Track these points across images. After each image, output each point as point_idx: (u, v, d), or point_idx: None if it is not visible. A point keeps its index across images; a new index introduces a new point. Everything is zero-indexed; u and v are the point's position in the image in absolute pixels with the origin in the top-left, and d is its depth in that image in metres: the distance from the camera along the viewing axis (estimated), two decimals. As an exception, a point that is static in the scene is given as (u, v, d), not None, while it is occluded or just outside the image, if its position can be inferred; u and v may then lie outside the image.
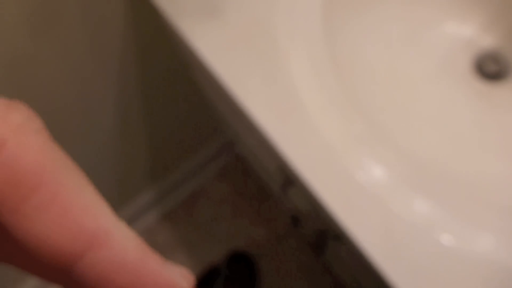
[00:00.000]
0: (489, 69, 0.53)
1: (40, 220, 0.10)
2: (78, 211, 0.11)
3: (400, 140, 0.49)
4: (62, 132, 0.75)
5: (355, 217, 0.41)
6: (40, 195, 0.10)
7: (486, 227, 0.40)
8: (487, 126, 0.51)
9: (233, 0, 0.50)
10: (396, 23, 0.54)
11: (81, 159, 0.84)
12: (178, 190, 1.20)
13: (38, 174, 0.10)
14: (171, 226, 1.20)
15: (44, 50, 0.62)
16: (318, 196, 0.42)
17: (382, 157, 0.43)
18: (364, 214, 0.42)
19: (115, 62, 0.73)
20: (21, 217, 0.10)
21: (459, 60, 0.54)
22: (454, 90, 0.53)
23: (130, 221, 1.16)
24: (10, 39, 0.58)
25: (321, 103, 0.45)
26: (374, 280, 0.41)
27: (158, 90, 0.86)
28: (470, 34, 0.54)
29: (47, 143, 0.11)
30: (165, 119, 0.95)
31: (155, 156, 1.04)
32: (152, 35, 0.73)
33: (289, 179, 0.53)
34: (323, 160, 0.43)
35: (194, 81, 0.75)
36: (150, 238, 1.19)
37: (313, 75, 0.46)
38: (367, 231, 0.41)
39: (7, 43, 0.58)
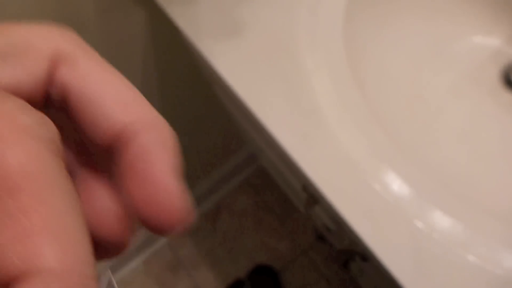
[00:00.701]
0: (518, 80, 0.52)
1: None
2: None
3: (427, 156, 0.48)
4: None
5: (381, 237, 0.41)
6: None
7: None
8: (516, 139, 0.50)
9: (253, 19, 0.50)
10: (420, 37, 0.53)
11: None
12: (201, 204, 1.20)
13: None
14: (195, 240, 1.20)
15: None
16: (342, 216, 0.41)
17: (408, 175, 0.42)
18: (390, 233, 0.41)
19: (137, 79, 0.73)
20: None
21: (486, 72, 0.53)
22: (481, 102, 0.52)
23: (154, 236, 1.17)
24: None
25: (344, 120, 0.45)
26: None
27: (180, 104, 0.87)
28: (497, 45, 0.53)
29: (44, 154, 0.10)
30: (187, 134, 0.96)
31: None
32: (173, 52, 0.74)
33: (313, 197, 0.52)
34: (347, 179, 0.43)
35: (216, 96, 0.75)
36: (174, 252, 1.20)
37: (336, 92, 0.46)
38: (393, 250, 0.40)
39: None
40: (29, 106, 0.11)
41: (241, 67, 0.48)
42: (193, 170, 1.09)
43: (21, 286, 0.09)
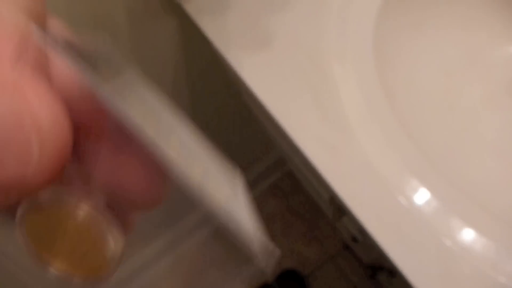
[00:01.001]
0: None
1: None
2: None
3: (458, 171, 0.46)
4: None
5: (408, 254, 0.40)
6: None
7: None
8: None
9: (281, 29, 0.50)
10: (453, 46, 0.51)
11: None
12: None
13: None
14: (222, 244, 1.21)
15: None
16: (369, 231, 0.41)
17: (438, 189, 0.41)
18: (418, 250, 0.40)
19: (168, 85, 0.74)
20: None
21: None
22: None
23: (180, 239, 1.18)
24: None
25: (372, 132, 0.44)
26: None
27: (210, 109, 0.87)
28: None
29: None
30: (217, 138, 0.96)
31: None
32: (204, 59, 0.74)
33: (341, 209, 0.52)
34: (374, 193, 0.42)
35: (244, 101, 0.75)
36: (202, 254, 1.20)
37: (364, 103, 0.45)
38: (421, 269, 0.39)
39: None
40: None
41: (269, 77, 0.48)
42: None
43: None
